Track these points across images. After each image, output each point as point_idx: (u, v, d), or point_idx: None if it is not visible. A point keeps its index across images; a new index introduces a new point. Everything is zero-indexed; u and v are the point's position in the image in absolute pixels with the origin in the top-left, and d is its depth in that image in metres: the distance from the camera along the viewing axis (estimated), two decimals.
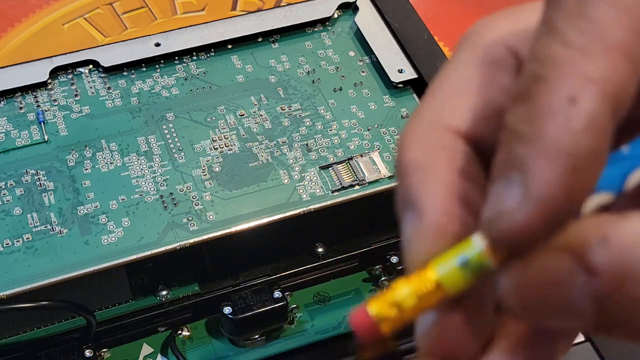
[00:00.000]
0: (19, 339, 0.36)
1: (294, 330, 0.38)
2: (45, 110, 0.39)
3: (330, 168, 0.37)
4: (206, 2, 0.56)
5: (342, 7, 0.44)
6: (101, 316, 0.36)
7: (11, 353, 0.36)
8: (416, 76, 0.41)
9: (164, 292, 0.37)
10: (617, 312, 0.16)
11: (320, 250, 0.39)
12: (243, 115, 0.39)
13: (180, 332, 0.37)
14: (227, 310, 0.36)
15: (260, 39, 0.43)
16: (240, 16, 0.43)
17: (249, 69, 0.41)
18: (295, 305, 0.39)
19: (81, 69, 0.41)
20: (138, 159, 0.37)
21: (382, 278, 0.39)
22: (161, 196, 0.36)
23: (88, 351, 0.35)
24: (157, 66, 0.41)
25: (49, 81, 0.40)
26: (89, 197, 0.36)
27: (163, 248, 0.34)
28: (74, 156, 0.37)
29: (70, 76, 0.40)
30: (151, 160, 0.37)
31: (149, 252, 0.34)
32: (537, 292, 0.16)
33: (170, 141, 0.38)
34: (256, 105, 0.40)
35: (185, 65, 0.41)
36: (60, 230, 0.34)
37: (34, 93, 0.40)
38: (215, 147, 0.38)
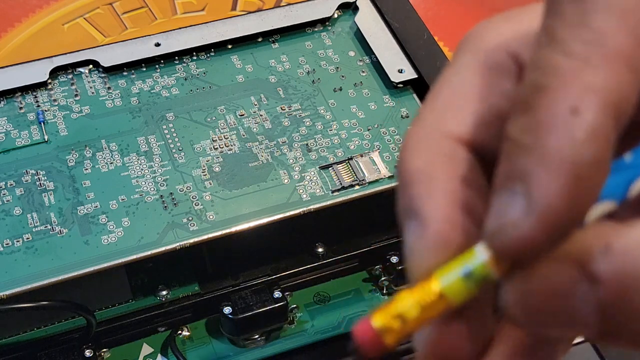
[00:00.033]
0: (19, 339, 0.36)
1: (294, 330, 0.38)
2: (45, 110, 0.39)
3: (330, 168, 0.37)
4: (206, 2, 0.56)
5: (342, 7, 0.44)
6: (101, 316, 0.36)
7: (11, 353, 0.36)
8: (416, 76, 0.41)
9: (164, 292, 0.37)
10: (621, 321, 0.16)
11: (320, 250, 0.39)
12: (243, 115, 0.39)
13: (180, 332, 0.37)
14: (227, 310, 0.36)
15: (260, 39, 0.43)
16: (240, 16, 0.43)
17: (249, 69, 0.41)
18: (295, 305, 0.39)
19: (81, 69, 0.41)
20: (138, 159, 0.37)
21: (382, 278, 0.39)
22: (161, 196, 0.36)
23: (88, 351, 0.35)
24: (157, 66, 0.41)
25: (49, 81, 0.40)
26: (89, 197, 0.36)
27: (163, 248, 0.34)
28: (74, 156, 0.37)
29: (70, 76, 0.40)
30: (151, 160, 0.37)
31: (149, 252, 0.34)
32: (541, 302, 0.16)
33: (170, 141, 0.38)
34: (256, 105, 0.40)
35: (185, 65, 0.41)
36: (60, 230, 0.34)
37: (34, 93, 0.40)
38: (215, 147, 0.38)
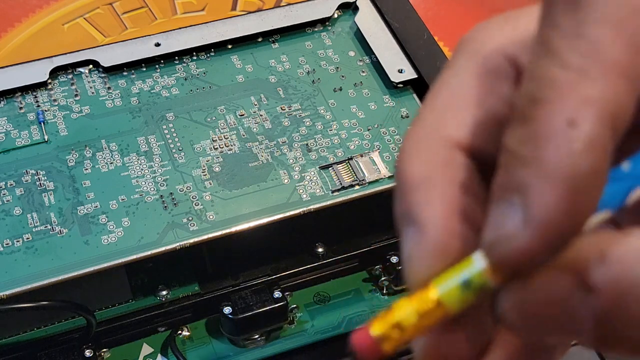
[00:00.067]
0: (19, 339, 0.36)
1: (294, 330, 0.38)
2: (45, 110, 0.39)
3: (330, 168, 0.37)
4: (206, 2, 0.56)
5: (342, 7, 0.44)
6: (101, 316, 0.36)
7: (11, 353, 0.36)
8: (416, 76, 0.41)
9: (164, 292, 0.37)
10: (618, 329, 0.16)
11: (320, 250, 0.39)
12: (243, 115, 0.39)
13: (180, 332, 0.37)
14: (227, 310, 0.36)
15: (260, 39, 0.43)
16: (240, 16, 0.43)
17: (249, 69, 0.41)
18: (295, 305, 0.39)
19: (81, 69, 0.41)
20: (138, 159, 0.37)
21: (382, 278, 0.39)
22: (161, 196, 0.36)
23: (88, 351, 0.35)
24: (157, 66, 0.41)
25: (49, 81, 0.40)
26: (89, 197, 0.36)
27: (163, 248, 0.34)
28: (74, 156, 0.37)
29: (70, 76, 0.40)
30: (151, 160, 0.37)
31: (149, 252, 0.34)
32: (538, 311, 0.16)
33: (170, 141, 0.38)
34: (256, 105, 0.40)
35: (185, 65, 0.41)
36: (60, 230, 0.34)
37: (34, 93, 0.40)
38: (215, 147, 0.38)
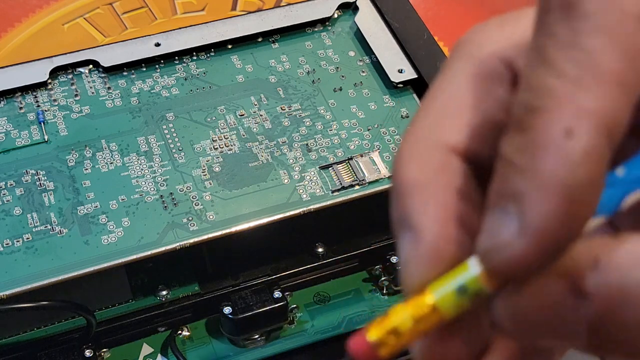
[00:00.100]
0: (19, 339, 0.36)
1: (294, 330, 0.38)
2: (45, 110, 0.39)
3: (330, 168, 0.37)
4: (206, 2, 0.56)
5: (342, 7, 0.44)
6: (101, 316, 0.36)
7: (11, 353, 0.36)
8: (416, 76, 0.41)
9: (164, 292, 0.37)
10: (611, 335, 0.16)
11: (320, 250, 0.39)
12: (243, 115, 0.39)
13: (180, 332, 0.37)
14: (227, 310, 0.36)
15: (260, 39, 0.43)
16: (240, 16, 0.43)
17: (249, 69, 0.41)
18: (295, 305, 0.39)
19: (81, 69, 0.41)
20: (138, 159, 0.37)
21: (382, 278, 0.39)
22: (161, 196, 0.36)
23: (88, 351, 0.35)
24: (157, 66, 0.41)
25: (49, 81, 0.40)
26: (89, 197, 0.36)
27: (163, 248, 0.34)
28: (74, 156, 0.37)
29: (70, 76, 0.40)
30: (151, 160, 0.37)
31: (149, 252, 0.34)
32: (532, 316, 0.16)
33: (170, 141, 0.38)
34: (256, 105, 0.40)
35: (185, 65, 0.41)
36: (60, 230, 0.34)
37: (34, 93, 0.40)
38: (215, 147, 0.38)
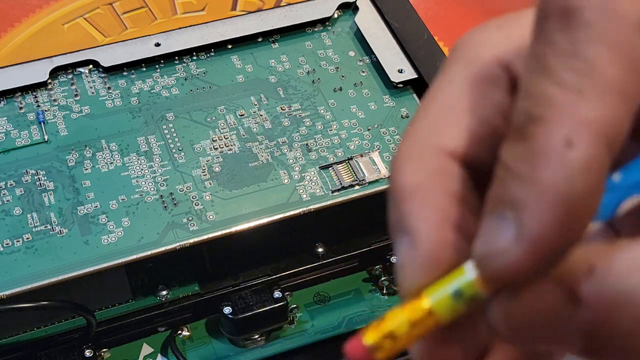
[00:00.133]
0: (19, 339, 0.36)
1: (294, 330, 0.38)
2: (45, 110, 0.39)
3: (330, 168, 0.37)
4: (206, 2, 0.56)
5: (342, 7, 0.44)
6: (101, 316, 0.36)
7: (11, 353, 0.36)
8: (416, 76, 0.41)
9: (164, 292, 0.37)
10: (605, 341, 0.16)
11: (320, 250, 0.39)
12: (243, 115, 0.39)
13: (180, 332, 0.37)
14: (227, 310, 0.36)
15: (260, 39, 0.43)
16: (240, 16, 0.43)
17: (249, 69, 0.41)
18: (295, 305, 0.39)
19: (81, 69, 0.41)
20: (138, 159, 0.37)
21: (382, 278, 0.39)
22: (161, 196, 0.36)
23: (88, 351, 0.35)
24: (157, 66, 0.41)
25: (49, 81, 0.40)
26: (89, 197, 0.36)
27: (163, 248, 0.34)
28: (74, 156, 0.37)
29: (70, 76, 0.40)
30: (151, 160, 0.37)
31: (149, 252, 0.34)
32: (527, 321, 0.16)
33: (170, 141, 0.38)
34: (256, 105, 0.40)
35: (185, 65, 0.41)
36: (60, 230, 0.34)
37: (34, 93, 0.40)
38: (215, 147, 0.38)
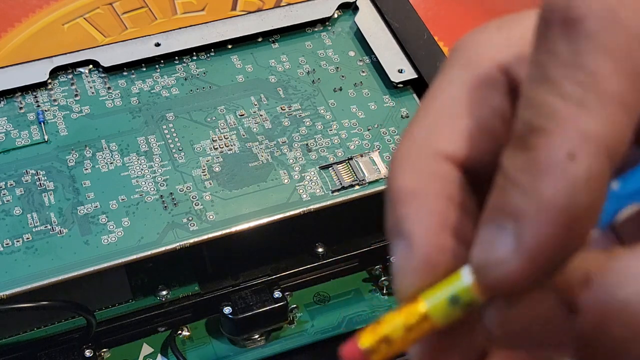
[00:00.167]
0: (19, 339, 0.36)
1: (294, 330, 0.38)
2: (45, 110, 0.39)
3: (330, 168, 0.37)
4: (206, 2, 0.56)
5: (342, 7, 0.44)
6: (101, 316, 0.36)
7: (11, 353, 0.36)
8: (416, 76, 0.41)
9: (164, 292, 0.37)
10: (600, 350, 0.16)
11: (320, 250, 0.39)
12: (243, 115, 0.39)
13: (180, 332, 0.37)
14: (227, 310, 0.36)
15: (260, 39, 0.43)
16: (240, 16, 0.43)
17: (249, 69, 0.41)
18: (295, 305, 0.39)
19: (81, 69, 0.41)
20: (138, 159, 0.37)
21: (382, 278, 0.39)
22: (161, 196, 0.36)
23: (88, 351, 0.35)
24: (157, 66, 0.41)
25: (49, 81, 0.40)
26: (89, 197, 0.36)
27: (163, 248, 0.34)
28: (74, 156, 0.37)
29: (70, 76, 0.40)
30: (151, 160, 0.37)
31: (149, 252, 0.34)
32: (522, 328, 0.16)
33: (170, 141, 0.38)
34: (256, 105, 0.40)
35: (185, 65, 0.41)
36: (60, 230, 0.34)
37: (34, 93, 0.40)
38: (215, 147, 0.38)
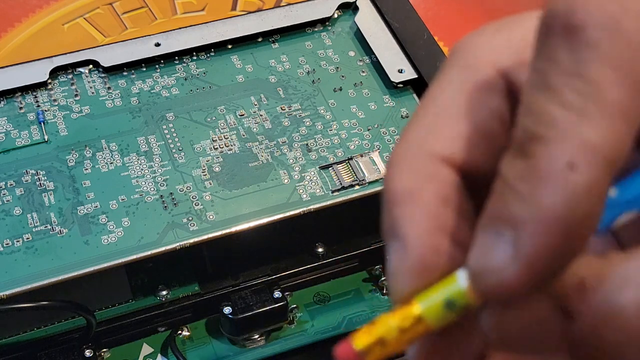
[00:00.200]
0: (19, 339, 0.36)
1: (294, 330, 0.38)
2: (45, 110, 0.39)
3: (330, 168, 0.37)
4: (206, 2, 0.56)
5: (342, 7, 0.44)
6: (101, 316, 0.36)
7: (11, 353, 0.36)
8: (416, 76, 0.41)
9: (164, 292, 0.37)
10: (594, 354, 0.16)
11: (320, 250, 0.39)
12: (243, 115, 0.39)
13: (180, 332, 0.37)
14: (227, 310, 0.36)
15: (260, 39, 0.43)
16: (240, 16, 0.43)
17: (249, 69, 0.41)
18: (295, 305, 0.39)
19: (81, 69, 0.41)
20: (138, 159, 0.37)
21: (382, 278, 0.39)
22: (161, 196, 0.36)
23: (88, 351, 0.35)
24: (157, 66, 0.41)
25: (49, 81, 0.40)
26: (89, 197, 0.36)
27: (163, 248, 0.34)
28: (74, 156, 0.37)
29: (70, 76, 0.40)
30: (151, 160, 0.37)
31: (149, 252, 0.34)
32: (517, 332, 0.17)
33: (170, 141, 0.38)
34: (256, 105, 0.40)
35: (185, 65, 0.41)
36: (60, 230, 0.34)
37: (34, 93, 0.40)
38: (215, 147, 0.38)
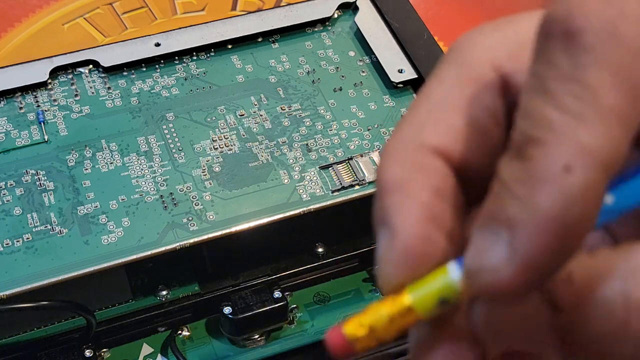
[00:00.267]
0: (19, 339, 0.36)
1: (294, 330, 0.38)
2: (45, 110, 0.39)
3: (330, 168, 0.37)
4: (206, 2, 0.56)
5: (342, 7, 0.44)
6: (101, 316, 0.36)
7: (11, 353, 0.36)
8: (416, 76, 0.41)
9: (164, 292, 0.37)
10: (582, 347, 0.16)
11: (320, 250, 0.39)
12: (243, 115, 0.39)
13: (180, 332, 0.37)
14: (227, 310, 0.36)
15: (260, 39, 0.43)
16: (240, 16, 0.43)
17: (249, 69, 0.41)
18: (295, 305, 0.39)
19: (81, 69, 0.41)
20: (138, 159, 0.37)
21: None
22: (161, 196, 0.36)
23: (88, 351, 0.35)
24: (157, 66, 0.41)
25: (49, 81, 0.40)
26: (89, 197, 0.36)
27: (163, 248, 0.34)
28: (74, 156, 0.37)
29: (70, 76, 0.40)
30: (151, 160, 0.37)
31: (149, 252, 0.34)
32: (506, 325, 0.17)
33: (170, 141, 0.38)
34: (256, 105, 0.40)
35: (185, 65, 0.41)
36: (60, 230, 0.34)
37: (34, 93, 0.40)
38: (215, 147, 0.38)
